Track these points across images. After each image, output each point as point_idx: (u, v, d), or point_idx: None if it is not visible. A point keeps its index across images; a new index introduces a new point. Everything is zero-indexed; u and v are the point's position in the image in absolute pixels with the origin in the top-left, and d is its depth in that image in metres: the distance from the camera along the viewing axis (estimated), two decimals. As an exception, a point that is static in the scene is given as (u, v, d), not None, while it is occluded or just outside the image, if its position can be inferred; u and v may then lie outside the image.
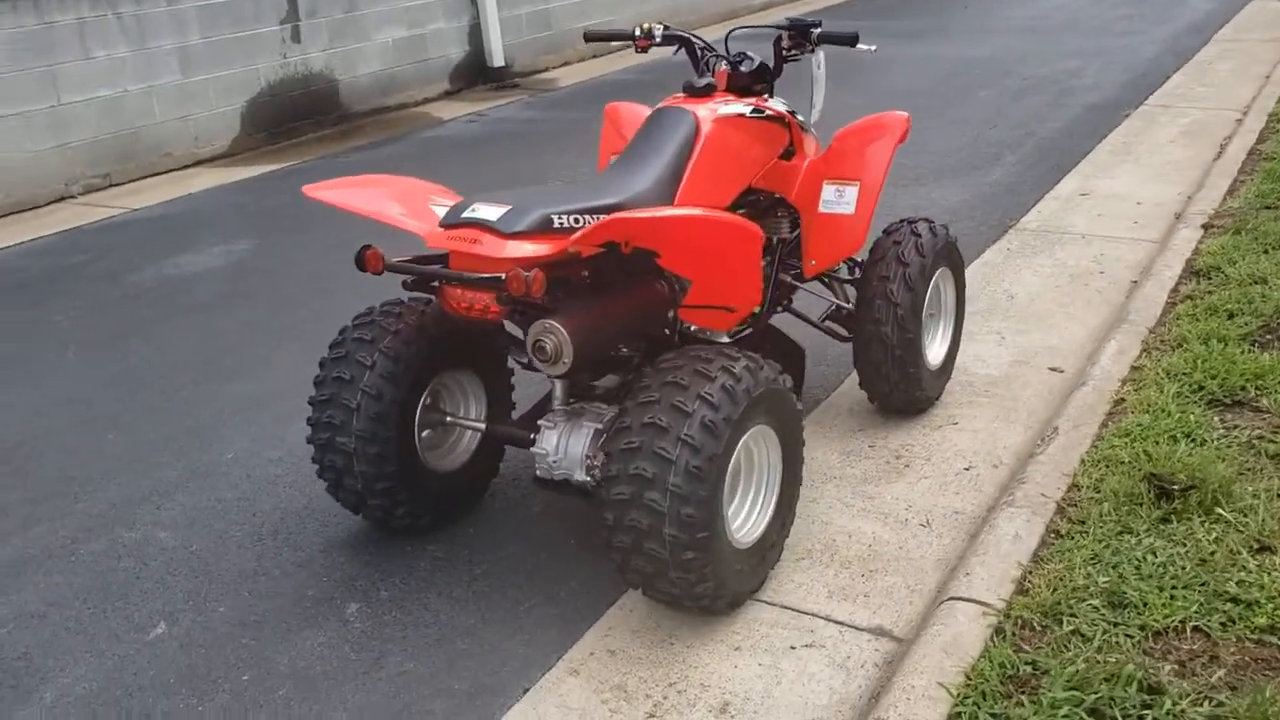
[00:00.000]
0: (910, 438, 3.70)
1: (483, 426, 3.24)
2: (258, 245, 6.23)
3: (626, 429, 2.64)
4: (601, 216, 2.74)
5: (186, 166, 8.09)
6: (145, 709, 2.68)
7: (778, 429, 2.88)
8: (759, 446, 2.90)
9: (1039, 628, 2.61)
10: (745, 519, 2.90)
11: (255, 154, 8.42)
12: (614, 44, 12.29)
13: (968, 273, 5.06)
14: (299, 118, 8.88)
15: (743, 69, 3.52)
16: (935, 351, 3.86)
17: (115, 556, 3.31)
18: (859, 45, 3.48)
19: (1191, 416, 3.43)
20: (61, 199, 7.37)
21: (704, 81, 3.41)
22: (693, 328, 3.17)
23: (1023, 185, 6.42)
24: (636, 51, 3.72)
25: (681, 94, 3.43)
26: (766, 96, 3.56)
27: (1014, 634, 2.60)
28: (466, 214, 2.71)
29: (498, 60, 10.44)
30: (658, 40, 3.67)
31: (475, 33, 10.41)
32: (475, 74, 10.46)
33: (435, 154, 8.11)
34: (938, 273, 3.73)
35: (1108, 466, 3.21)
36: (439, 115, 9.36)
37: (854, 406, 3.90)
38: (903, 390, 3.67)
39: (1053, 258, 5.25)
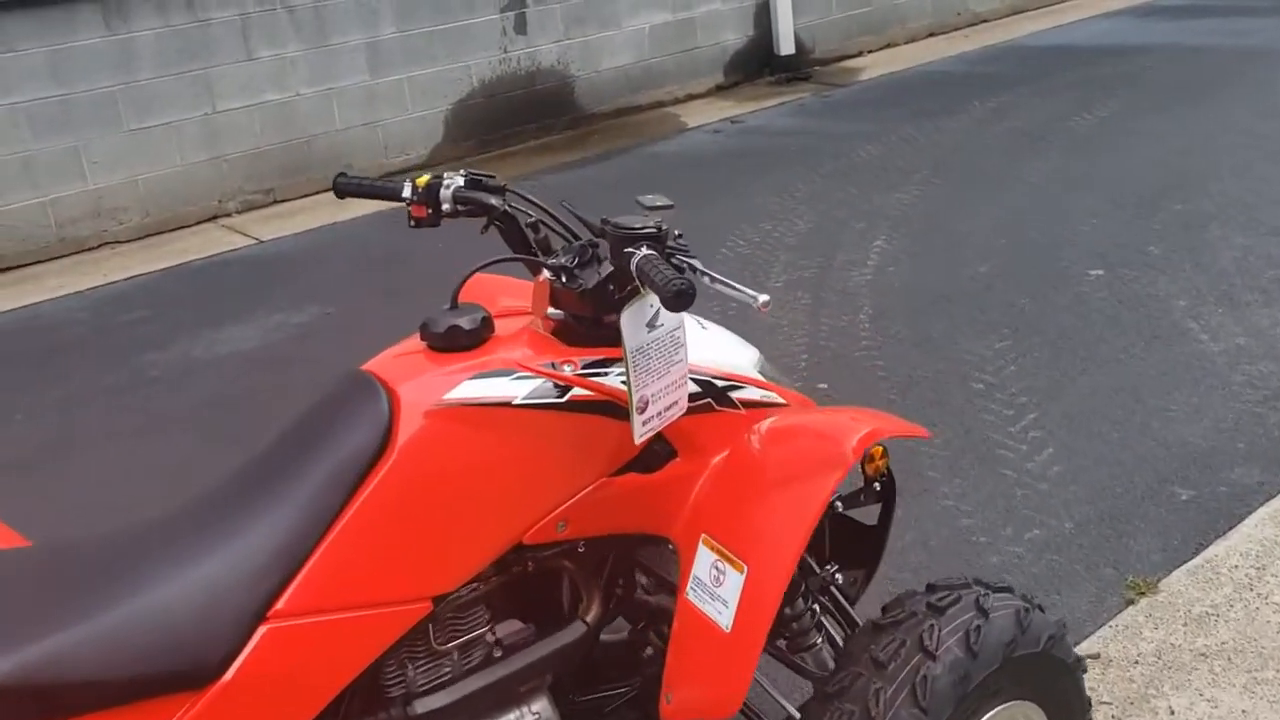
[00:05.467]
0: None
1: None
2: (316, 319, 4.99)
3: None
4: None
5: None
6: None
7: None
8: None
9: None
10: None
11: (459, 164, 7.21)
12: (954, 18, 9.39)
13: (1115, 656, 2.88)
14: (520, 122, 7.59)
15: (579, 281, 1.72)
16: None
17: None
18: (742, 292, 1.59)
19: None
20: (215, 217, 6.57)
21: (456, 318, 1.70)
22: None
23: None
24: (410, 225, 2.04)
25: (419, 336, 1.73)
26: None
27: None
28: None
29: (786, 47, 8.58)
30: (446, 210, 1.97)
31: (762, 14, 8.61)
32: (758, 64, 8.67)
33: (634, 181, 6.37)
34: (992, 715, 1.74)
35: None
36: (685, 120, 7.73)
37: None
38: None
39: None
